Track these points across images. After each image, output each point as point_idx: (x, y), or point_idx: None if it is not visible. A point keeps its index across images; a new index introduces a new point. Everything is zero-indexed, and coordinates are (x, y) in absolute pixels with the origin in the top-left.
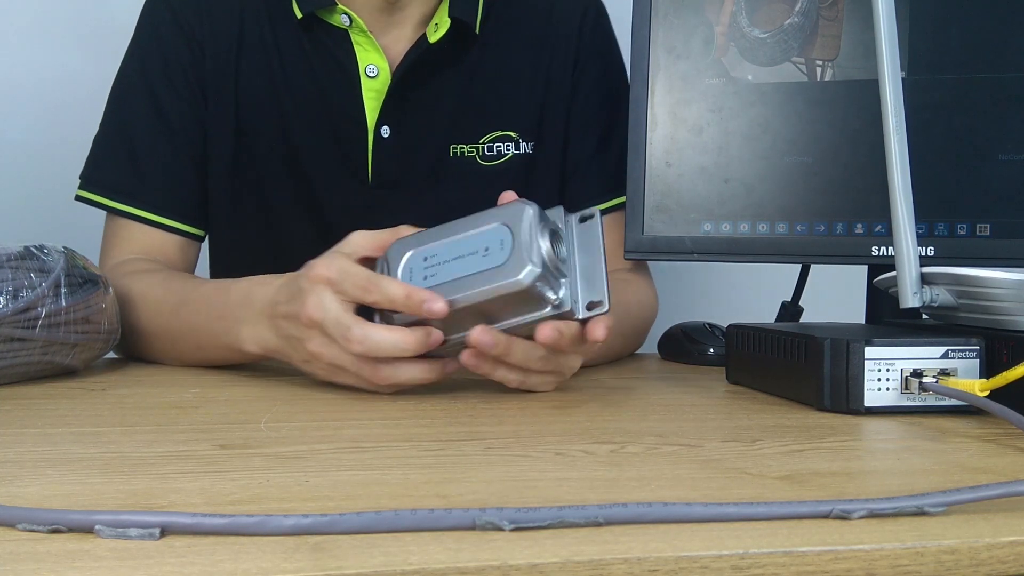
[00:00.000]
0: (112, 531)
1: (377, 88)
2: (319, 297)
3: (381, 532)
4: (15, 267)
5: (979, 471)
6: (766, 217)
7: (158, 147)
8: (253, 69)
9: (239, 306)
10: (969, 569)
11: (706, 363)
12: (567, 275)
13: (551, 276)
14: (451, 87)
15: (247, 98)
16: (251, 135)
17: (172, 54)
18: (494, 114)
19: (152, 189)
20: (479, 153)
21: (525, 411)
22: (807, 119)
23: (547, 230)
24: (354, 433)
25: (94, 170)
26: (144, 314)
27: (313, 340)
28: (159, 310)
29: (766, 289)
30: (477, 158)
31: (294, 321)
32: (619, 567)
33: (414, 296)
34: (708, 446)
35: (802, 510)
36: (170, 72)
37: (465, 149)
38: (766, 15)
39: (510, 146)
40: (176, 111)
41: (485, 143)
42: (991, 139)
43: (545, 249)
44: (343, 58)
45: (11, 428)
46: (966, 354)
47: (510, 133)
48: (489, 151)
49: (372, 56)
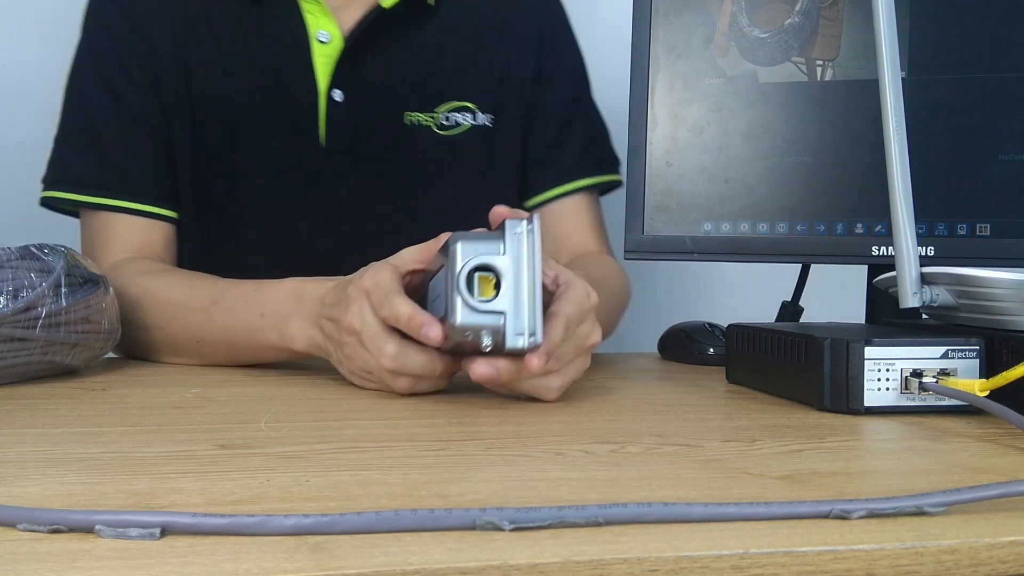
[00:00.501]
0: (112, 531)
1: (329, 53)
2: (360, 308)
3: (381, 532)
4: (15, 267)
5: (979, 471)
6: (766, 217)
7: (125, 135)
8: (203, 47)
9: (288, 303)
10: (969, 569)
11: (706, 363)
12: (504, 310)
13: (479, 324)
14: (407, 56)
15: (200, 77)
16: (207, 114)
17: (122, 45)
18: (451, 85)
19: (128, 178)
20: (435, 122)
21: (525, 411)
22: (807, 119)
23: (466, 269)
24: (354, 433)
25: (62, 169)
26: (165, 314)
27: (349, 345)
28: (188, 308)
29: (766, 289)
30: (433, 127)
31: (336, 325)
32: (619, 567)
33: (415, 319)
34: (708, 446)
35: (802, 510)
36: (123, 62)
37: (422, 118)
38: (766, 15)
39: (467, 116)
40: (135, 98)
41: (442, 112)
42: (991, 139)
43: (460, 303)
44: (293, 26)
45: (11, 428)
46: (966, 354)
47: (468, 104)
48: (446, 120)
49: (323, 22)
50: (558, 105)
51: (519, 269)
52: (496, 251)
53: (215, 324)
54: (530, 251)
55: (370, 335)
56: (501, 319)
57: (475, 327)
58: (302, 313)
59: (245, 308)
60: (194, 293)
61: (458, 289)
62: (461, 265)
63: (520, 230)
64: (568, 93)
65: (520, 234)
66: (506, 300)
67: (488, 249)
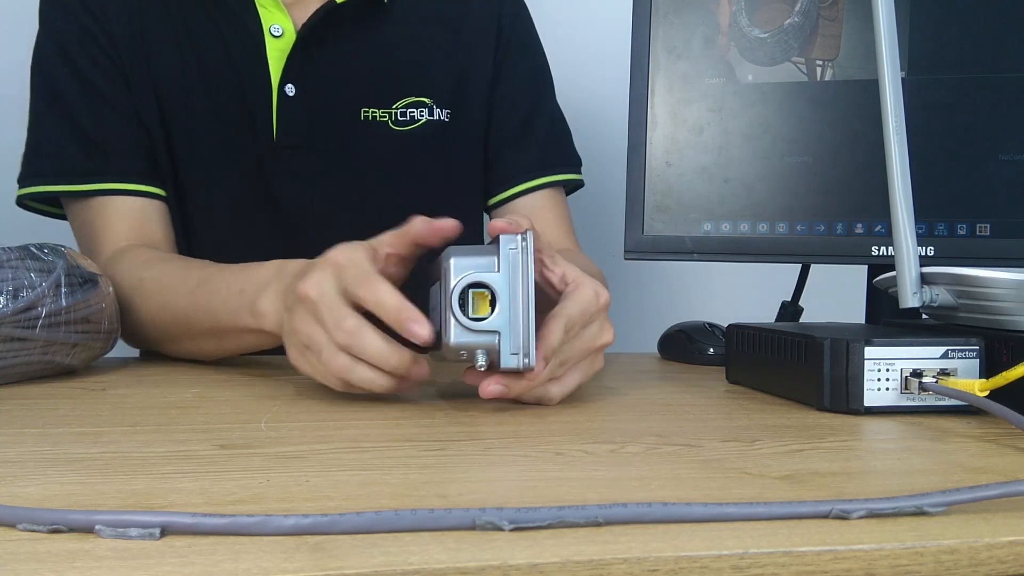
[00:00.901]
0: (112, 531)
1: (282, 48)
2: (320, 277)
3: (381, 532)
4: (15, 267)
5: (979, 471)
6: (766, 217)
7: (101, 118)
8: (161, 39)
9: (265, 278)
10: (968, 569)
11: (706, 363)
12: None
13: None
14: (362, 51)
15: (161, 69)
16: (164, 104)
17: (84, 32)
18: (407, 80)
19: (114, 159)
20: (391, 118)
21: (525, 411)
22: (807, 119)
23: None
24: (354, 433)
25: (40, 161)
26: (155, 304)
27: (297, 314)
28: (176, 293)
29: (766, 289)
30: (389, 123)
31: (292, 293)
32: (619, 567)
33: (404, 311)
34: (708, 446)
35: (802, 510)
36: (87, 48)
37: (377, 113)
38: (766, 15)
39: (424, 112)
40: (105, 80)
41: (398, 108)
42: (991, 139)
43: (454, 323)
44: (247, 19)
45: (11, 428)
46: (966, 354)
47: (424, 100)
48: (402, 116)
49: (276, 16)
50: (519, 102)
51: (515, 286)
52: (491, 267)
53: (200, 307)
54: (524, 267)
55: (328, 305)
56: (496, 338)
57: (470, 346)
58: (276, 287)
59: (227, 286)
60: (184, 276)
61: (451, 308)
62: (455, 283)
63: (515, 246)
64: (529, 91)
65: (515, 250)
66: (501, 319)
67: (482, 265)
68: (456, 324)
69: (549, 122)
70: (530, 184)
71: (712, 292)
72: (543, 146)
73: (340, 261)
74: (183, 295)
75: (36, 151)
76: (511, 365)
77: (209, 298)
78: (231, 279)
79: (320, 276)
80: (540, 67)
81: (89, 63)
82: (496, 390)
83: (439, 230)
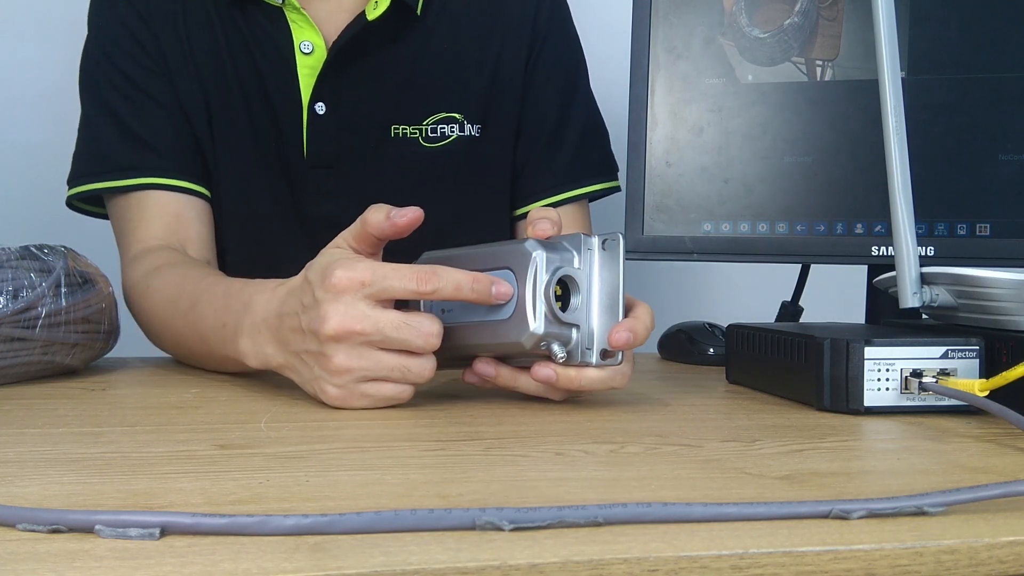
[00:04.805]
0: (112, 531)
1: (312, 65)
2: (349, 307)
3: (381, 532)
4: (15, 267)
5: (979, 471)
6: (766, 217)
7: (148, 117)
8: (204, 48)
9: (240, 314)
10: (968, 569)
11: (706, 363)
12: (579, 323)
13: (556, 333)
14: (392, 67)
15: (206, 76)
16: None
17: (132, 37)
18: (438, 95)
19: (156, 155)
20: (422, 134)
21: (525, 411)
22: (807, 119)
23: (554, 279)
24: (354, 433)
25: (85, 162)
26: (159, 315)
27: (339, 354)
28: (172, 312)
29: (766, 289)
30: (420, 139)
31: (312, 336)
32: (619, 567)
33: (481, 279)
34: (708, 446)
35: (802, 510)
36: (135, 53)
37: (408, 130)
38: (766, 15)
39: (455, 128)
40: (152, 84)
41: (428, 125)
42: (991, 139)
43: (546, 310)
44: (277, 36)
45: (11, 428)
46: (966, 354)
47: (455, 115)
48: (433, 132)
49: (307, 33)
50: (550, 106)
51: (597, 283)
52: (571, 262)
53: (192, 329)
54: (613, 265)
55: (393, 324)
56: (575, 331)
57: (553, 337)
58: (253, 327)
59: (212, 317)
60: (179, 294)
61: (546, 298)
62: (548, 275)
63: (592, 247)
64: (561, 92)
65: (592, 251)
66: (582, 312)
67: (566, 259)
68: (548, 314)
69: (580, 130)
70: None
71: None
72: (571, 158)
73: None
74: (179, 315)
75: (83, 153)
76: (590, 360)
77: (198, 324)
78: (218, 306)
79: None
80: (573, 63)
81: (138, 69)
82: (546, 374)
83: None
